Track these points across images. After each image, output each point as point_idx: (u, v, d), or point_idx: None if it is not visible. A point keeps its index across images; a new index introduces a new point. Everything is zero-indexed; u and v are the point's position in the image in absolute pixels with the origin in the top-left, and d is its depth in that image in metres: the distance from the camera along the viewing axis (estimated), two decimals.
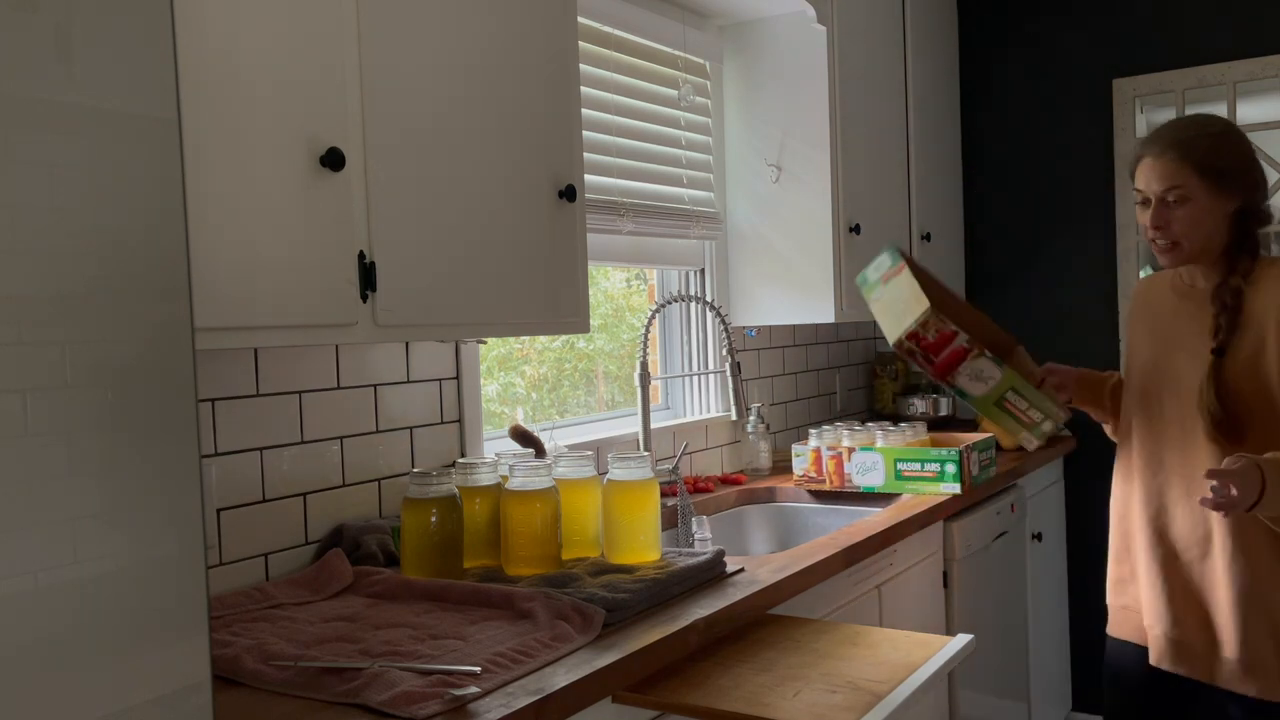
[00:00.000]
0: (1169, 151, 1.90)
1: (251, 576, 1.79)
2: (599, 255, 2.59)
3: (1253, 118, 3.35)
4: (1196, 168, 1.87)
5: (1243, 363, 1.87)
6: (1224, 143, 1.91)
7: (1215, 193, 1.88)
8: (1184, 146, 1.89)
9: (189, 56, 1.31)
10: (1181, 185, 1.88)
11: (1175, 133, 1.93)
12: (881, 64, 3.19)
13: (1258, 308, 1.88)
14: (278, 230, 1.44)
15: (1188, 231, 1.90)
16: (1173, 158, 1.89)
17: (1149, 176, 1.93)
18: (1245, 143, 1.94)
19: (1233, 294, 1.89)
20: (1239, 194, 1.90)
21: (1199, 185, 1.88)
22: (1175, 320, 2.01)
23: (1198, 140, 1.89)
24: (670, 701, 1.44)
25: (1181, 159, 1.88)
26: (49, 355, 0.82)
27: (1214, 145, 1.90)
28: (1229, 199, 1.89)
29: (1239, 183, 1.90)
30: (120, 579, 0.86)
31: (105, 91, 0.86)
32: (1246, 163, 1.92)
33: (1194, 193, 1.88)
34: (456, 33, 1.72)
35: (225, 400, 1.75)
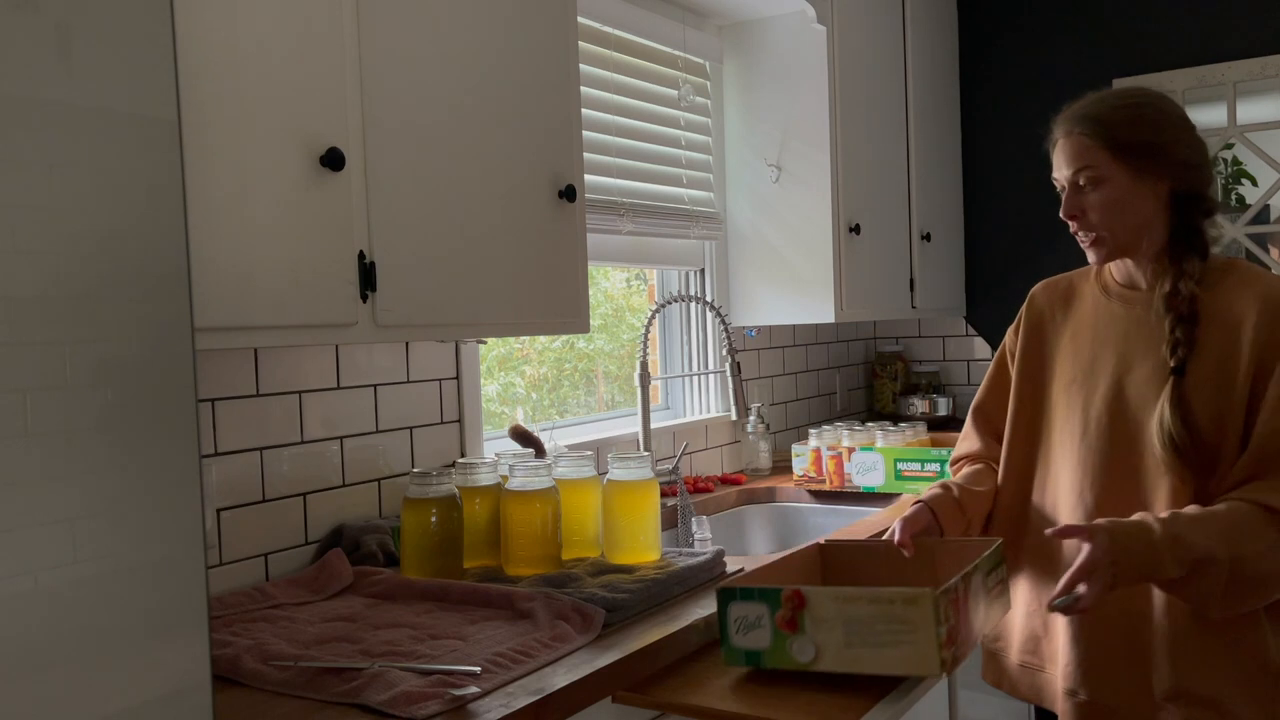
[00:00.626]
0: (1077, 128, 1.63)
1: (251, 576, 1.79)
2: (599, 255, 2.59)
3: (1253, 118, 3.35)
4: (1107, 143, 1.60)
5: (1203, 384, 1.56)
6: (1142, 114, 1.62)
7: (1134, 173, 1.60)
8: (1094, 121, 1.61)
9: (189, 56, 1.31)
10: (1093, 165, 1.60)
11: (1087, 107, 1.65)
12: (881, 64, 3.19)
13: (1217, 320, 1.58)
14: (278, 230, 1.44)
15: (1107, 220, 1.61)
16: (1079, 134, 1.62)
17: (1059, 158, 1.66)
18: (1173, 116, 1.64)
19: (1188, 303, 1.59)
20: (1166, 175, 1.61)
21: (1113, 164, 1.60)
22: (1113, 328, 1.68)
23: (1111, 113, 1.62)
24: (670, 701, 1.44)
25: (1091, 135, 1.61)
26: (49, 355, 0.82)
27: (1129, 117, 1.61)
28: (1154, 180, 1.60)
29: (1163, 161, 1.60)
30: (120, 579, 0.86)
31: (105, 91, 0.86)
32: (1172, 137, 1.62)
33: (1108, 173, 1.60)
34: (456, 32, 1.72)
35: (225, 400, 1.75)
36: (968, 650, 1.42)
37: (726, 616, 1.47)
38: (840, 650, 1.39)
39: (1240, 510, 1.49)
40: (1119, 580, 1.46)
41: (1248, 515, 1.49)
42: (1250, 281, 1.61)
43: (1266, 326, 1.55)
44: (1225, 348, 1.56)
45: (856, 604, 1.37)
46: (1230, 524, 1.48)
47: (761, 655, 1.45)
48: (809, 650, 1.41)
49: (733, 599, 1.46)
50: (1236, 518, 1.48)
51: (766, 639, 1.44)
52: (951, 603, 1.37)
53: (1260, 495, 1.49)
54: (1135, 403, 1.62)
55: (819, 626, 1.40)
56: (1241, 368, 1.55)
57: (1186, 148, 1.63)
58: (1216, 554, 1.45)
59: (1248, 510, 1.49)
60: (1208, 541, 1.46)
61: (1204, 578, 1.46)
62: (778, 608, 1.42)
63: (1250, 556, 1.46)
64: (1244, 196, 4.02)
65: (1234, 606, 1.50)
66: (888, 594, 1.36)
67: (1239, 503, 1.51)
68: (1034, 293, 1.84)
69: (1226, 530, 1.47)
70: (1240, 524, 1.48)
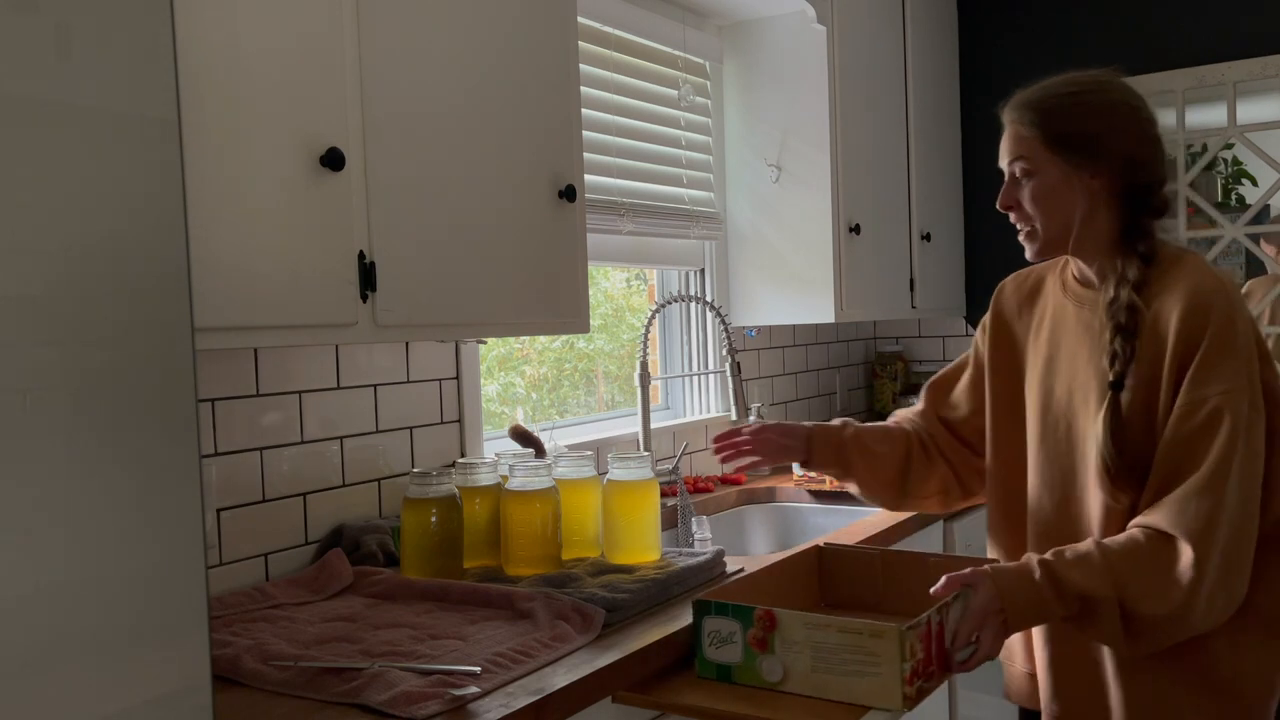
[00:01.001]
0: (1014, 114, 1.55)
1: (251, 576, 1.79)
2: (599, 255, 2.59)
3: (1253, 118, 3.35)
4: (1041, 133, 1.51)
5: (1140, 397, 1.48)
6: (1077, 103, 1.52)
7: (1067, 165, 1.51)
8: (1027, 108, 1.53)
9: (189, 56, 1.31)
10: (1026, 155, 1.53)
11: (1027, 94, 1.56)
12: (881, 64, 3.19)
13: (1153, 325, 1.48)
14: (278, 230, 1.44)
15: (1039, 214, 1.53)
16: (1015, 121, 1.55)
17: (1001, 147, 1.59)
18: (1119, 105, 1.53)
19: (1126, 311, 1.48)
20: (1104, 168, 1.51)
21: (1046, 155, 1.51)
22: (1067, 329, 1.60)
23: (1048, 100, 1.53)
24: (670, 701, 1.44)
25: (1027, 124, 1.53)
26: (49, 355, 0.82)
27: (1066, 105, 1.52)
28: (1089, 174, 1.51)
29: (1105, 154, 1.50)
30: (120, 579, 0.86)
31: (105, 91, 0.86)
32: (1112, 128, 1.51)
33: (1041, 163, 1.52)
34: (457, 32, 1.72)
35: (225, 400, 1.75)
36: (936, 685, 1.42)
37: (701, 629, 1.49)
38: (807, 674, 1.40)
39: (1133, 542, 1.42)
40: (1011, 624, 1.42)
41: (1140, 548, 1.41)
42: (1183, 278, 1.49)
43: (1185, 327, 1.45)
44: (1154, 356, 1.47)
45: (825, 631, 1.39)
46: (1118, 560, 1.41)
47: (732, 670, 1.46)
48: (777, 670, 1.43)
49: (708, 613, 1.48)
50: (1126, 552, 1.41)
51: (738, 655, 1.46)
52: (920, 638, 1.37)
53: (1155, 519, 1.41)
54: (1078, 412, 1.54)
55: (788, 648, 1.42)
56: (1164, 376, 1.46)
57: (1131, 140, 1.52)
58: (1099, 594, 1.39)
59: (1141, 540, 1.41)
60: (1088, 581, 1.40)
61: (1097, 618, 1.42)
62: (750, 626, 1.44)
63: (1138, 596, 1.39)
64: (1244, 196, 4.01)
65: (1142, 647, 1.43)
66: (856, 625, 1.38)
67: (1135, 531, 1.43)
68: (1002, 286, 1.77)
69: (1112, 567, 1.40)
70: (1128, 559, 1.40)
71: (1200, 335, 1.43)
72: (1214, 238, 3.40)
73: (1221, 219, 3.37)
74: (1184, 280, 1.48)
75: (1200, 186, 3.56)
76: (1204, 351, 1.43)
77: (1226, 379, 1.42)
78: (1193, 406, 1.42)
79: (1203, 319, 1.44)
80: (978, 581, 1.42)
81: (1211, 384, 1.42)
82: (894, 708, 1.35)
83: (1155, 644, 1.43)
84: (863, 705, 1.36)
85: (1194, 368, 1.43)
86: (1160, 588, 1.39)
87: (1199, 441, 1.41)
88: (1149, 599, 1.39)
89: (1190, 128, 3.41)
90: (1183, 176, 3.39)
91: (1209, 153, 3.42)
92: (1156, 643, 1.43)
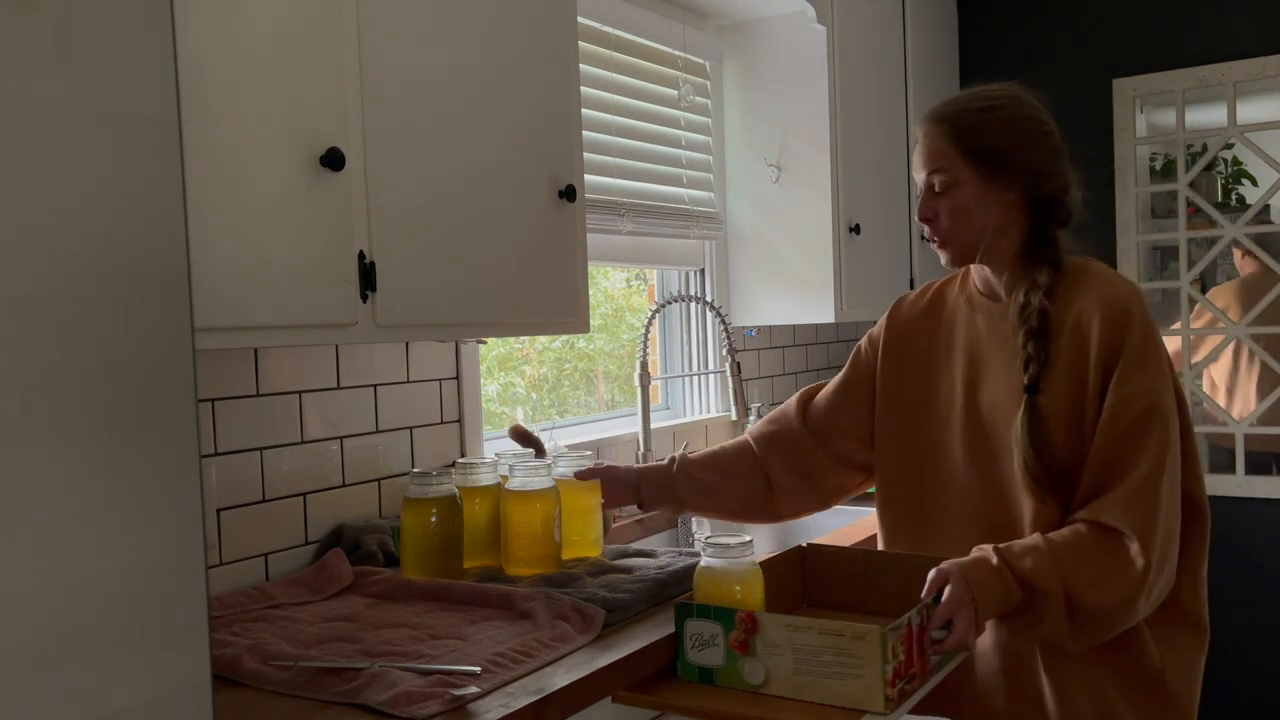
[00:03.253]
0: (931, 128, 1.57)
1: (251, 576, 1.79)
2: (599, 255, 2.59)
3: (1253, 118, 3.35)
4: (960, 147, 1.54)
5: (1058, 400, 1.51)
6: (993, 118, 1.55)
7: (983, 178, 1.54)
8: (945, 122, 1.56)
9: (189, 56, 1.31)
10: (945, 168, 1.55)
11: (943, 108, 1.58)
12: (881, 64, 3.19)
13: (1068, 330, 1.52)
14: (278, 230, 1.44)
15: (957, 224, 1.56)
16: (933, 134, 1.57)
17: (916, 159, 1.60)
18: (1026, 120, 1.57)
19: (1038, 316, 1.52)
20: (1017, 181, 1.54)
21: (964, 167, 1.54)
22: (974, 341, 1.63)
23: (962, 115, 1.55)
24: (670, 702, 1.44)
25: (944, 137, 1.55)
26: (49, 355, 0.82)
27: (980, 120, 1.54)
28: (1003, 187, 1.54)
29: (1017, 168, 1.54)
30: (120, 579, 0.86)
31: (105, 91, 0.86)
32: (1026, 143, 1.55)
33: (960, 176, 1.54)
34: (457, 33, 1.72)
35: (225, 400, 1.75)
36: (918, 686, 1.42)
37: (683, 631, 1.49)
38: (789, 676, 1.40)
39: (1076, 535, 1.46)
40: (981, 613, 1.44)
41: (1082, 540, 1.45)
42: (1096, 284, 1.54)
43: (1107, 330, 1.49)
44: (1076, 359, 1.51)
45: (806, 633, 1.39)
46: (1062, 551, 1.44)
47: (714, 673, 1.46)
48: (759, 673, 1.42)
49: (689, 615, 1.48)
50: (1070, 544, 1.45)
51: (720, 657, 1.46)
52: (902, 639, 1.37)
53: (1096, 514, 1.46)
54: (994, 420, 1.57)
55: (770, 651, 1.41)
56: (1090, 378, 1.50)
57: (1039, 153, 1.56)
58: (1047, 585, 1.43)
59: (1084, 534, 1.46)
60: (1037, 570, 1.43)
61: (1044, 611, 1.44)
62: (731, 629, 1.44)
63: (1082, 585, 1.42)
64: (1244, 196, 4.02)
65: (1087, 639, 1.46)
66: (837, 626, 1.38)
67: (1077, 525, 1.47)
68: (897, 303, 1.79)
69: (1057, 558, 1.44)
70: (1072, 550, 1.44)
71: (1122, 336, 1.49)
72: (1214, 238, 3.40)
73: (1221, 219, 3.37)
74: (1097, 285, 1.54)
75: (1200, 186, 3.57)
76: (1128, 351, 1.48)
77: (1152, 377, 1.48)
78: (1124, 404, 1.48)
79: (1124, 321, 1.49)
80: (949, 576, 1.45)
81: (1139, 381, 1.48)
82: (876, 709, 1.34)
83: (1099, 636, 1.47)
84: (844, 708, 1.36)
85: (1121, 367, 1.48)
86: (1107, 580, 1.43)
87: (1134, 438, 1.47)
88: (1095, 591, 1.43)
89: (1190, 128, 3.41)
90: (1183, 176, 3.40)
91: (1209, 153, 3.42)
92: (1100, 634, 1.47)
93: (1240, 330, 3.34)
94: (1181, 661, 1.55)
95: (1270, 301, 3.29)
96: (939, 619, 1.43)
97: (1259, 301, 3.32)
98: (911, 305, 1.77)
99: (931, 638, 1.43)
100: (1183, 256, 3.41)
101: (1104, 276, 1.57)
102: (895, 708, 1.35)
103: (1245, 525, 3.31)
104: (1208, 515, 1.59)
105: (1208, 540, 1.59)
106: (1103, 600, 1.43)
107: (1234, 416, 3.39)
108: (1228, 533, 3.30)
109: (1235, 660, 3.27)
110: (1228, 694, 3.27)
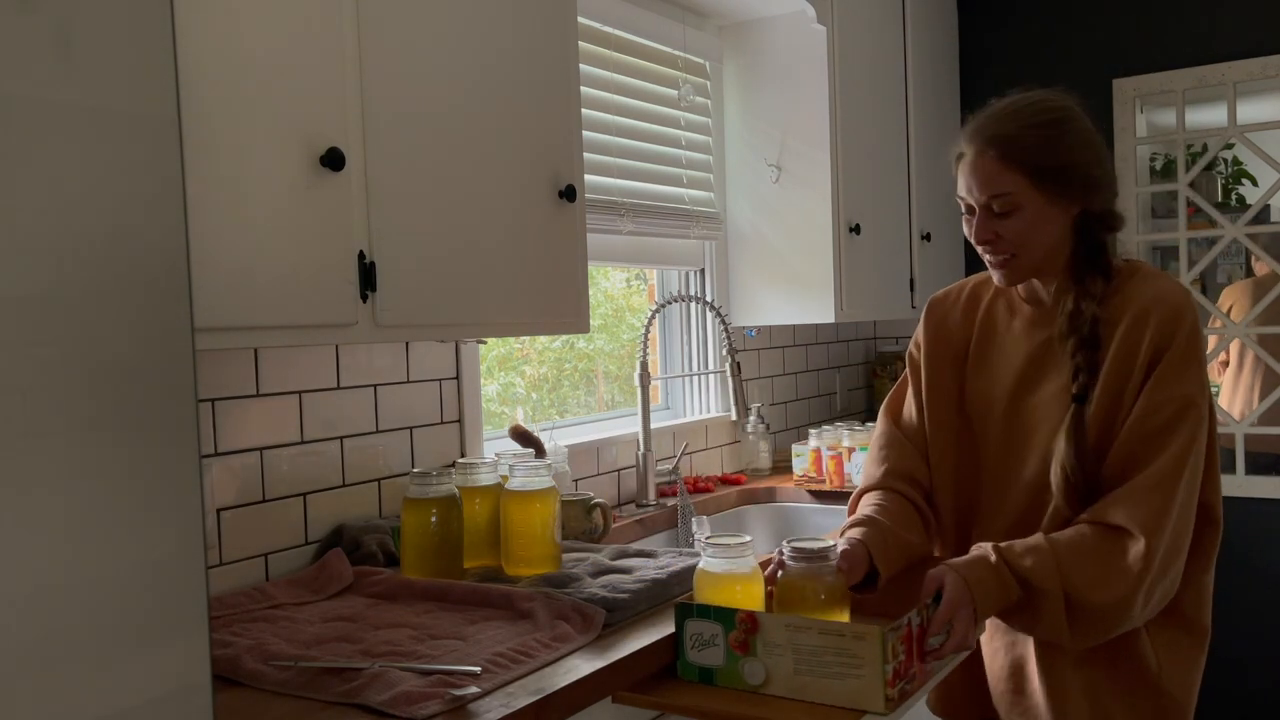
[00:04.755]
0: (989, 149, 1.52)
1: (251, 576, 1.79)
2: (599, 255, 2.59)
3: (1253, 118, 3.35)
4: (1025, 169, 1.50)
5: (1104, 410, 1.49)
6: (1058, 136, 1.52)
7: (1051, 198, 1.52)
8: (1007, 143, 1.51)
9: (189, 56, 1.31)
10: (1009, 191, 1.51)
11: (998, 125, 1.54)
12: (881, 64, 3.19)
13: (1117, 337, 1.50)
14: (278, 230, 1.44)
15: (1022, 245, 1.53)
16: (994, 157, 1.51)
17: (969, 180, 1.54)
18: (1086, 132, 1.55)
19: (1090, 324, 1.50)
20: (1079, 197, 1.53)
21: (1029, 190, 1.51)
22: (1016, 346, 1.61)
23: (1024, 134, 1.52)
24: (670, 702, 1.44)
25: (1005, 159, 1.51)
26: (49, 355, 0.82)
27: (1045, 140, 1.52)
28: (1067, 203, 1.53)
29: (1080, 184, 1.53)
30: (120, 579, 0.86)
31: (105, 91, 0.86)
32: (1088, 158, 1.54)
33: (1024, 199, 1.51)
34: (457, 33, 1.72)
35: (225, 400, 1.75)
36: (918, 686, 1.42)
37: (683, 632, 1.49)
38: (789, 676, 1.40)
39: (1079, 534, 1.46)
40: (980, 611, 1.43)
41: (1085, 539, 1.45)
42: (1150, 284, 1.53)
43: (1159, 330, 1.48)
44: (1125, 356, 1.49)
45: (807, 633, 1.39)
46: (1064, 550, 1.44)
47: (715, 673, 1.47)
48: (759, 673, 1.43)
49: (689, 616, 1.49)
50: (1072, 543, 1.45)
51: (720, 658, 1.46)
52: (902, 639, 1.37)
53: (1104, 513, 1.45)
54: (1033, 426, 1.56)
55: (769, 651, 1.42)
56: (1134, 377, 1.48)
57: (1099, 167, 1.55)
58: (1046, 583, 1.43)
59: (1087, 533, 1.45)
60: (1037, 568, 1.44)
61: (1043, 609, 1.44)
62: (731, 629, 1.44)
63: (1082, 584, 1.42)
64: (1244, 196, 4.02)
65: (1087, 639, 1.46)
66: (837, 626, 1.38)
67: (1081, 526, 1.47)
68: (931, 304, 1.76)
69: (1058, 557, 1.44)
70: (1073, 549, 1.44)
71: (1170, 339, 1.48)
72: (1214, 238, 3.40)
73: (1221, 219, 3.37)
74: (1149, 288, 1.53)
75: (1200, 186, 3.57)
76: (1171, 354, 1.47)
77: (1190, 382, 1.47)
78: (1157, 406, 1.46)
79: (1175, 324, 1.48)
80: (945, 576, 1.45)
81: (1176, 385, 1.46)
82: (876, 709, 1.35)
83: (1099, 636, 1.46)
84: (844, 708, 1.36)
85: (1160, 369, 1.47)
86: (1106, 577, 1.42)
87: (1158, 438, 1.46)
88: (1095, 590, 1.42)
89: (1190, 128, 3.41)
90: (1183, 176, 3.40)
91: (1209, 153, 3.42)
92: (1100, 635, 1.46)
93: (1240, 330, 3.34)
94: (1180, 664, 1.55)
95: (1270, 301, 3.29)
96: (939, 620, 1.43)
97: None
98: (948, 305, 1.74)
99: (929, 644, 1.43)
100: (1183, 256, 3.41)
101: (1156, 276, 1.56)
102: (895, 708, 1.35)
103: (1245, 525, 3.31)
104: (1220, 525, 1.57)
105: (1217, 548, 1.58)
106: (1102, 599, 1.42)
107: (1234, 416, 3.39)
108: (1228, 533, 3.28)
109: (1235, 661, 3.27)
110: (1227, 695, 3.27)
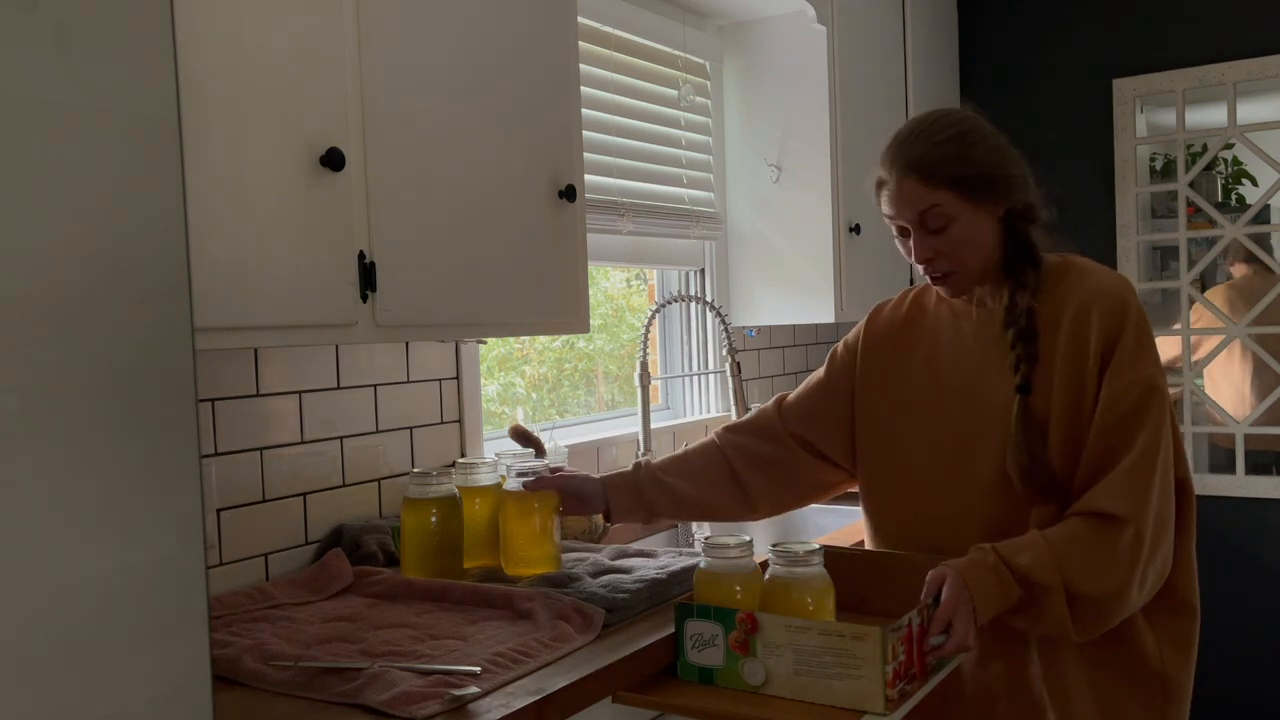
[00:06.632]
0: (910, 174, 1.57)
1: (251, 576, 1.79)
2: (599, 255, 2.59)
3: (1253, 118, 3.35)
4: (946, 182, 1.55)
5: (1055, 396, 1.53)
6: (968, 145, 1.57)
7: (976, 204, 1.56)
8: (924, 164, 1.56)
9: (189, 56, 1.31)
10: (937, 204, 1.55)
11: (910, 149, 1.58)
12: (881, 64, 3.19)
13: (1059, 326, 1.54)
14: (278, 230, 1.44)
15: (961, 256, 1.58)
16: (916, 180, 1.56)
17: (898, 206, 1.59)
18: (992, 136, 1.61)
19: (1026, 316, 1.55)
20: (1002, 197, 1.58)
21: (956, 201, 1.55)
22: (959, 347, 1.65)
23: (935, 151, 1.56)
24: (670, 702, 1.44)
25: (927, 178, 1.55)
26: (49, 355, 0.82)
27: (957, 152, 1.56)
28: (994, 205, 1.58)
29: (999, 185, 1.58)
30: (120, 579, 0.86)
31: (105, 91, 0.86)
32: (1000, 159, 1.59)
33: (953, 210, 1.55)
34: (457, 33, 1.72)
35: (225, 400, 1.75)
36: (918, 688, 1.42)
37: (683, 632, 1.49)
38: (789, 677, 1.40)
39: (1071, 528, 1.48)
40: (980, 612, 1.44)
41: (1078, 532, 1.47)
42: (1087, 278, 1.58)
43: (1106, 321, 1.53)
44: (1074, 353, 1.53)
45: (806, 634, 1.39)
46: (1060, 544, 1.46)
47: (715, 673, 1.47)
48: (759, 673, 1.43)
49: (689, 616, 1.49)
50: (1066, 536, 1.47)
51: (720, 658, 1.46)
52: (902, 640, 1.37)
53: (1092, 503, 1.48)
54: (986, 423, 1.58)
55: (769, 651, 1.42)
56: (1089, 369, 1.52)
57: (1014, 166, 1.60)
58: (1045, 578, 1.44)
59: (1080, 525, 1.48)
60: (1035, 564, 1.45)
61: (1044, 605, 1.46)
62: (731, 629, 1.44)
63: (1080, 576, 1.44)
64: (1244, 196, 4.02)
65: (1089, 629, 1.48)
66: (837, 627, 1.38)
67: (1073, 518, 1.49)
68: (876, 310, 1.80)
69: (1055, 551, 1.45)
70: (1069, 542, 1.46)
71: (1120, 326, 1.52)
72: (1214, 238, 3.40)
73: (1221, 219, 3.37)
74: (1088, 278, 1.58)
75: (1200, 186, 3.57)
76: (1125, 341, 1.52)
77: (1147, 364, 1.52)
78: (1122, 392, 1.50)
79: (1123, 311, 1.53)
80: (944, 576, 1.46)
81: (1134, 371, 1.51)
82: (876, 710, 1.34)
83: (1101, 625, 1.48)
84: (844, 708, 1.36)
85: (1117, 356, 1.52)
86: (1102, 566, 1.45)
87: (1130, 423, 1.50)
88: (1093, 579, 1.44)
89: (1190, 128, 3.41)
90: (1183, 176, 3.40)
91: (1209, 153, 3.42)
92: (1102, 624, 1.48)
93: (1240, 330, 3.34)
94: (1177, 645, 1.57)
95: (1270, 301, 3.29)
96: (938, 621, 1.43)
97: (1249, 305, 3.32)
98: (891, 313, 1.78)
99: (930, 644, 1.43)
100: (1183, 257, 3.41)
101: (1092, 270, 1.60)
102: (895, 708, 1.35)
103: (1245, 525, 3.31)
104: (1193, 491, 1.61)
105: (1194, 519, 1.61)
106: (1101, 588, 1.44)
107: (1234, 416, 3.39)
108: (1228, 533, 3.31)
109: (1235, 660, 3.28)
110: (1227, 694, 3.27)
